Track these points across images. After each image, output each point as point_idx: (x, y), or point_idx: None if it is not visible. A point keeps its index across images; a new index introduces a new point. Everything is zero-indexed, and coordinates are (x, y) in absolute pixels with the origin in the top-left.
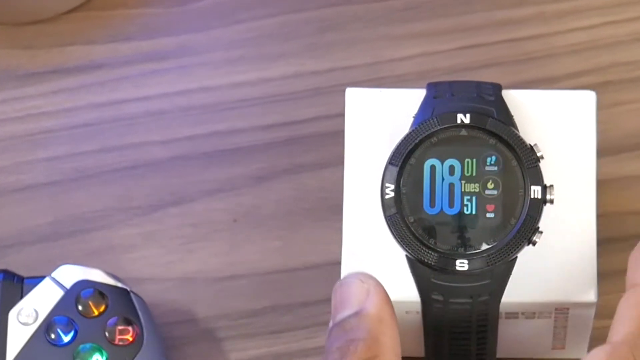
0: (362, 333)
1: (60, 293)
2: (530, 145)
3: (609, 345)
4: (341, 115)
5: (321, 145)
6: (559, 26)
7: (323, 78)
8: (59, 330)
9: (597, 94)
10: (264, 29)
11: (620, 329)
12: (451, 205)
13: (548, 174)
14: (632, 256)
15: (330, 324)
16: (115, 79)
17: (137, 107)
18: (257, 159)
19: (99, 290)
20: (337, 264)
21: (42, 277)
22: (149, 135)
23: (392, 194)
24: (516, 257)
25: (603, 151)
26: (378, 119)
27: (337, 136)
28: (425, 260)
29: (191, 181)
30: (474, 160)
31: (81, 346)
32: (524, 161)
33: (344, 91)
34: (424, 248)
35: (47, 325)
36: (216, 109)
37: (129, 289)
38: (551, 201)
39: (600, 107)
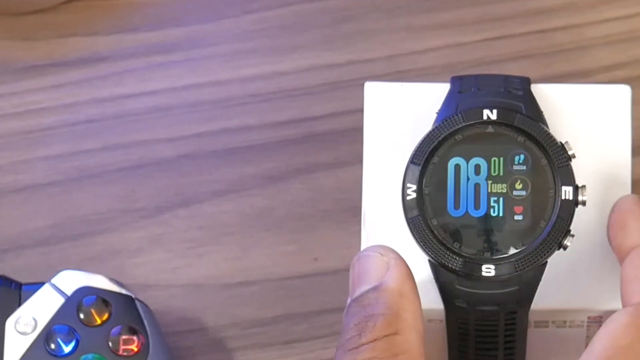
0: (381, 308)
1: (60, 300)
2: (560, 143)
3: (631, 307)
4: (359, 111)
5: (338, 143)
6: (592, 16)
7: (340, 72)
8: (59, 340)
9: (633, 88)
10: (278, 19)
11: (637, 289)
12: (477, 206)
13: (580, 173)
14: (617, 221)
15: (349, 300)
16: (119, 73)
17: (143, 102)
18: (269, 157)
19: (102, 298)
20: None
21: (42, 284)
22: (155, 133)
23: (414, 195)
24: (546, 262)
25: (638, 149)
26: (399, 115)
27: (355, 133)
28: (449, 266)
29: (200, 181)
30: (501, 159)
31: (83, 357)
32: (555, 160)
33: (363, 85)
34: (447, 252)
35: (47, 335)
36: (226, 105)
37: (133, 296)
38: (583, 203)
39: (635, 102)
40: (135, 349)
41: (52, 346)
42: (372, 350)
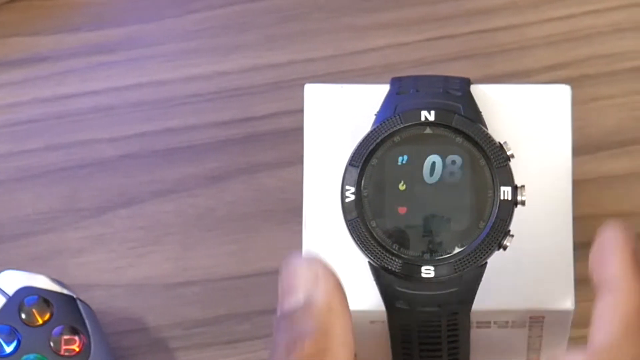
0: (309, 326)
1: (2, 300)
2: (499, 143)
3: (589, 351)
4: (302, 111)
5: (280, 143)
6: (533, 16)
7: (282, 71)
8: (0, 340)
9: (573, 88)
10: (220, 19)
11: (599, 333)
12: None
13: (520, 173)
14: (593, 255)
15: (278, 312)
16: (61, 73)
17: (85, 102)
18: (211, 157)
19: (43, 298)
20: None
21: None
22: (97, 133)
23: (352, 197)
24: (486, 263)
25: (579, 149)
26: (339, 117)
27: (297, 133)
28: (389, 267)
29: (141, 181)
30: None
31: (24, 357)
32: (493, 160)
33: (305, 86)
34: (387, 254)
35: None
36: (168, 105)
37: (75, 296)
38: (522, 203)
39: (576, 102)
40: (77, 349)
41: None
42: None
